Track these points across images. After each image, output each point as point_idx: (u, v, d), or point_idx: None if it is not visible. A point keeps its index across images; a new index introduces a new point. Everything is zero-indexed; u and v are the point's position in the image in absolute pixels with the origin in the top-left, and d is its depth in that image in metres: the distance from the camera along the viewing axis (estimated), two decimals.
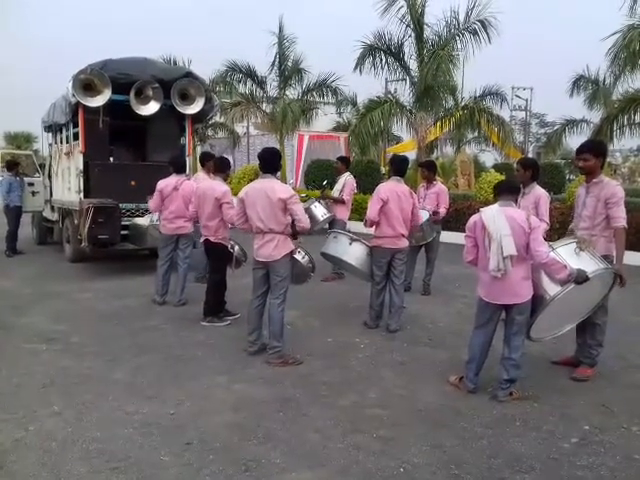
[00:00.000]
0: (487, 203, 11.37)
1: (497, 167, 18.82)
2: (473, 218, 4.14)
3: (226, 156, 8.13)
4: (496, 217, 3.93)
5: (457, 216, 12.15)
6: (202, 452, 3.27)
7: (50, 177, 11.15)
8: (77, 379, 4.37)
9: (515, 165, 5.78)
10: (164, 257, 6.76)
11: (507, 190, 4.11)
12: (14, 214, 10.63)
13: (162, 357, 4.90)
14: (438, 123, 15.56)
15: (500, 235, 3.85)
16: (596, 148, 4.43)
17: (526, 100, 34.95)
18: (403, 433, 3.55)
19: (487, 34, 13.99)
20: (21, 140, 36.40)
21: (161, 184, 6.69)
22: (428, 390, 4.24)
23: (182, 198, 6.62)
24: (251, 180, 20.31)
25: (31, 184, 11.39)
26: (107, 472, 3.05)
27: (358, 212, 13.90)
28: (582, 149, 4.41)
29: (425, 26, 14.64)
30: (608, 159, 6.47)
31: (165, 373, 4.52)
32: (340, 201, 8.04)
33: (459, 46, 14.45)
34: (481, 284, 4.12)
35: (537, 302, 4.06)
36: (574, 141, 20.19)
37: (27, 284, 7.85)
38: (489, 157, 33.28)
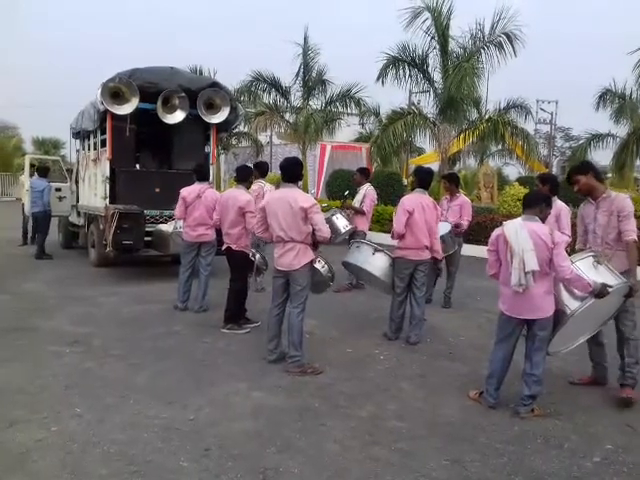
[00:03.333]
0: (510, 216, 11.29)
1: (521, 180, 18.68)
2: (496, 232, 4.11)
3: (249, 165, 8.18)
4: (518, 231, 3.89)
5: (479, 229, 12.05)
6: (221, 459, 3.29)
7: (77, 183, 11.38)
8: (99, 382, 4.43)
9: (535, 180, 5.81)
10: (186, 264, 6.82)
11: (529, 204, 4.07)
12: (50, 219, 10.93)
13: (183, 362, 4.94)
14: (461, 135, 15.53)
15: (522, 250, 3.82)
16: (579, 167, 4.52)
17: (551, 113, 34.68)
18: (422, 446, 3.52)
19: (512, 47, 14.03)
20: (49, 146, 37.09)
21: (184, 192, 6.77)
22: (448, 404, 4.21)
23: (205, 206, 6.69)
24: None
25: (58, 189, 11.63)
26: (127, 475, 3.08)
27: (379, 223, 13.90)
28: (569, 176, 4.56)
29: (450, 38, 14.68)
30: (634, 174, 6.40)
31: (185, 378, 4.55)
32: (360, 212, 8.05)
33: (484, 58, 14.51)
34: (503, 298, 4.09)
35: (557, 317, 4.02)
36: (599, 155, 20.02)
37: (52, 287, 8.00)
38: (512, 170, 33.00)
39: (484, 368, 4.40)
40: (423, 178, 5.80)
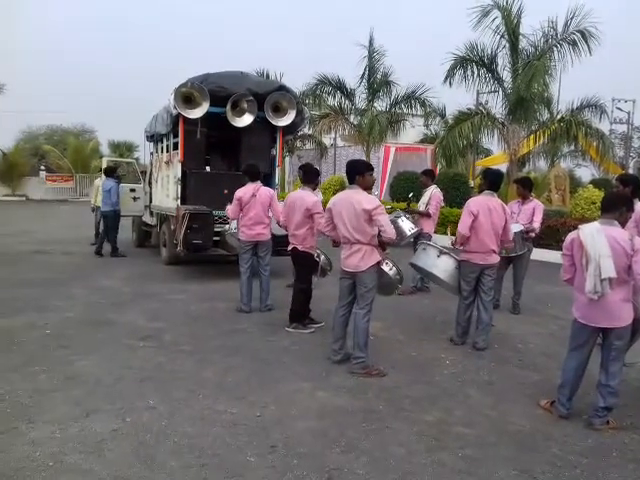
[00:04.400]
0: (583, 220, 10.85)
1: (595, 182, 17.88)
2: (571, 235, 3.95)
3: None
4: (595, 236, 3.72)
5: (550, 233, 11.63)
6: (286, 456, 3.34)
7: (150, 184, 11.85)
8: (171, 376, 4.60)
9: (614, 181, 5.51)
10: (244, 264, 6.85)
11: (608, 207, 3.87)
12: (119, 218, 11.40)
13: (249, 360, 5.05)
14: (531, 136, 15.04)
15: (599, 255, 3.65)
16: None
17: (628, 113, 32.96)
18: (490, 454, 3.44)
19: (587, 44, 13.47)
20: (123, 149, 38.76)
21: (239, 193, 6.83)
22: (517, 412, 4.09)
23: (260, 204, 6.74)
24: (336, 190, 20.52)
25: (132, 190, 12.15)
26: (197, 468, 3.18)
27: (444, 225, 13.68)
28: None
29: (520, 37, 14.29)
30: None
31: (252, 376, 4.65)
32: (427, 214, 7.95)
33: (556, 57, 14.02)
34: (577, 305, 3.93)
35: (636, 326, 3.83)
36: None
37: (126, 284, 8.36)
38: (585, 172, 31.58)
39: (556, 377, 4.26)
40: (492, 180, 5.65)
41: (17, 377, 4.44)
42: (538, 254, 9.59)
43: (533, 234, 6.94)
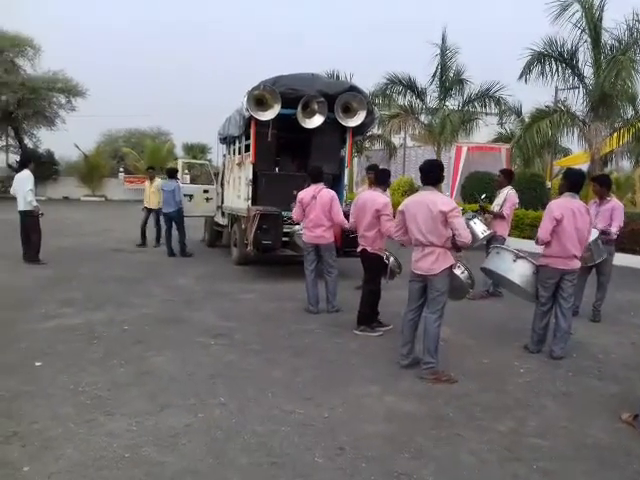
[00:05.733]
0: None
1: None
2: None
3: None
4: None
5: (633, 237, 11.00)
6: (355, 459, 3.31)
7: (222, 185, 12.16)
8: (240, 374, 4.68)
9: None
10: (309, 266, 6.90)
11: None
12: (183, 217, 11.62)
13: (317, 361, 5.06)
14: (615, 134, 14.29)
15: None
16: None
17: None
18: (566, 468, 3.28)
19: None
20: (196, 150, 40.01)
21: (301, 194, 6.90)
22: (596, 425, 3.88)
23: (320, 205, 6.74)
24: (405, 191, 20.33)
25: (206, 191, 12.51)
26: (266, 466, 3.21)
27: (519, 228, 13.25)
28: None
29: (603, 31, 13.62)
30: None
31: (320, 377, 4.66)
32: (500, 216, 7.71)
33: None
34: None
35: None
36: None
37: (198, 282, 8.61)
38: None
39: (639, 389, 4.00)
40: (574, 181, 5.37)
41: (97, 370, 4.66)
42: (621, 259, 9.09)
43: (611, 237, 6.57)
